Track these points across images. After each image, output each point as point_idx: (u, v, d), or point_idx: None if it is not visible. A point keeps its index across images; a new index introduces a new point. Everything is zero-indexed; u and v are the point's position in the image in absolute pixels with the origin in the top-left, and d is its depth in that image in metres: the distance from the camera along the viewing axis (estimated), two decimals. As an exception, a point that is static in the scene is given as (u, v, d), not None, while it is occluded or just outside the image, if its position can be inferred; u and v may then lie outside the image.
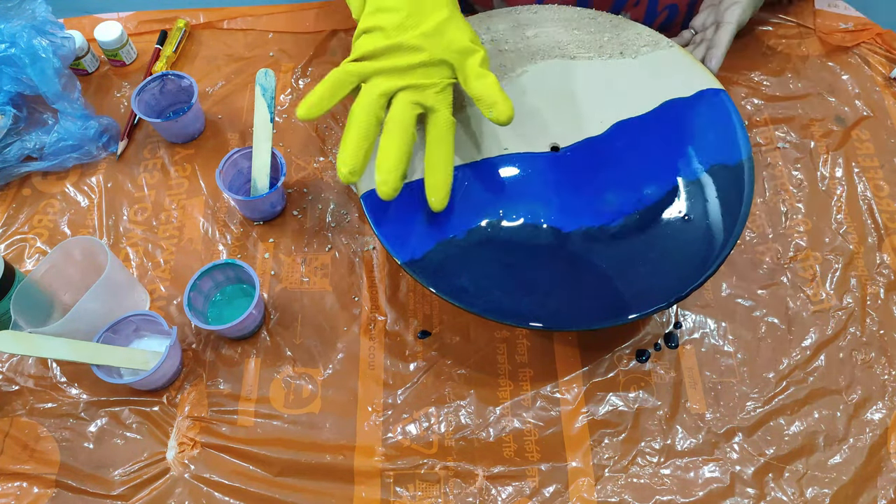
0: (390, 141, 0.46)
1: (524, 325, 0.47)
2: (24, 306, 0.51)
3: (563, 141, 0.55)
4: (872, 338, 0.56)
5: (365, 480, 0.51)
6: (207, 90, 0.70)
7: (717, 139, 0.53)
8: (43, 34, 0.62)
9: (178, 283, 0.59)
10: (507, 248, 0.50)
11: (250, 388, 0.54)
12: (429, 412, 0.53)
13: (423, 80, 0.47)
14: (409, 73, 0.47)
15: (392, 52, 0.47)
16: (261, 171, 0.59)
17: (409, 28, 0.47)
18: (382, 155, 0.46)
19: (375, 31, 0.47)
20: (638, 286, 0.48)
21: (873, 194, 0.63)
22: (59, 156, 0.63)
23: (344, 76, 0.48)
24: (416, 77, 0.47)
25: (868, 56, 0.71)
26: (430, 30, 0.47)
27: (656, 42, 0.59)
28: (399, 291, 0.58)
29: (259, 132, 0.58)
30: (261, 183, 0.59)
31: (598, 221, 0.51)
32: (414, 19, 0.47)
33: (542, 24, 0.60)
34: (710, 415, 0.53)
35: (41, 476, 0.51)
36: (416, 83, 0.47)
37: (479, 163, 0.53)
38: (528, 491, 0.50)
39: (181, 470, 0.51)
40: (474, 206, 0.52)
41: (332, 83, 0.48)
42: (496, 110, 0.46)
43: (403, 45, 0.46)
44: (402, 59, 0.47)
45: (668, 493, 0.50)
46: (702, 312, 0.57)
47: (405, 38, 0.46)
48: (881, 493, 0.50)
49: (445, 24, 0.47)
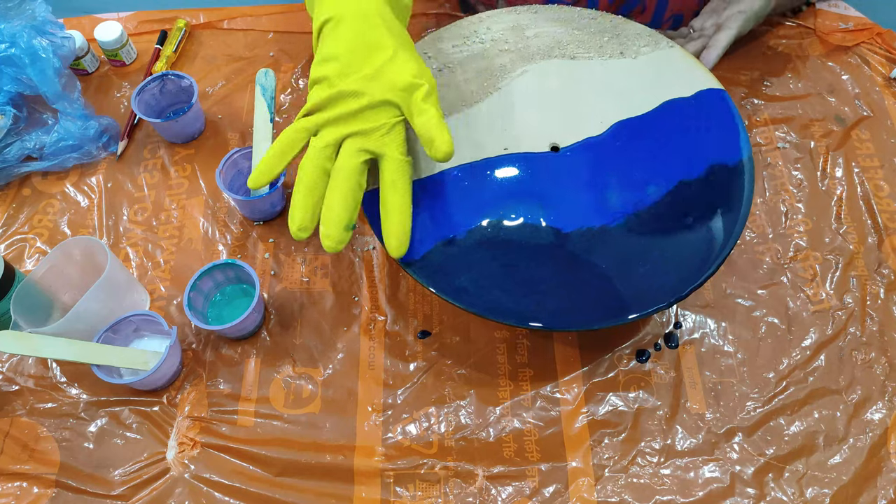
0: (333, 193, 0.45)
1: (524, 325, 0.47)
2: (24, 306, 0.51)
3: (563, 141, 0.55)
4: (872, 338, 0.56)
5: (365, 480, 0.51)
6: (207, 90, 0.70)
7: (717, 139, 0.53)
8: (43, 34, 0.62)
9: (178, 283, 0.59)
10: (507, 248, 0.50)
11: (250, 388, 0.54)
12: (429, 412, 0.53)
13: (368, 124, 0.46)
14: (353, 120, 0.46)
15: (336, 101, 0.46)
16: None
17: (349, 74, 0.46)
18: (326, 207, 0.45)
19: (322, 81, 0.47)
20: (638, 286, 0.48)
21: (873, 194, 0.63)
22: (59, 156, 0.63)
23: (293, 135, 0.47)
24: (360, 123, 0.46)
25: (868, 56, 0.71)
26: (370, 72, 0.46)
27: (656, 42, 0.59)
28: (399, 291, 0.58)
29: (259, 132, 0.58)
30: None
31: (598, 221, 0.51)
32: (354, 64, 0.46)
33: (542, 24, 0.60)
34: (710, 415, 0.53)
35: (41, 476, 0.51)
36: (361, 129, 0.46)
37: (479, 163, 0.53)
38: (528, 491, 0.50)
39: (181, 470, 0.51)
40: (474, 206, 0.52)
41: (282, 145, 0.47)
42: (433, 147, 0.44)
43: (345, 92, 0.46)
44: (345, 106, 0.46)
45: (668, 493, 0.50)
46: (702, 312, 0.57)
47: (346, 84, 0.46)
48: (881, 493, 0.50)
49: (387, 63, 0.46)
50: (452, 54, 0.58)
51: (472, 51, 0.59)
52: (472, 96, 0.57)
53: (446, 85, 0.57)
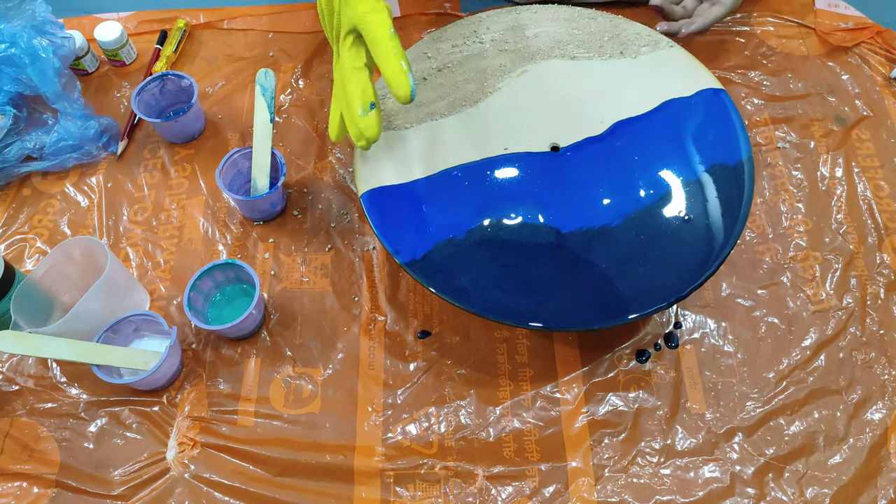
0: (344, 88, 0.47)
1: (524, 325, 0.47)
2: (24, 306, 0.51)
3: (563, 141, 0.55)
4: (872, 338, 0.56)
5: (365, 480, 0.51)
6: (207, 90, 0.70)
7: (717, 139, 0.53)
8: (43, 34, 0.62)
9: (178, 283, 0.59)
10: (507, 248, 0.50)
11: (250, 388, 0.54)
12: (429, 412, 0.53)
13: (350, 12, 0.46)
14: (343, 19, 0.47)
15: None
16: (261, 171, 0.59)
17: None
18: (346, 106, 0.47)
19: None
20: (638, 286, 0.48)
21: (873, 194, 0.63)
22: (59, 156, 0.63)
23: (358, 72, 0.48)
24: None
25: (868, 56, 0.71)
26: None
27: (656, 42, 0.59)
28: (399, 291, 0.58)
29: (259, 132, 0.58)
30: (261, 183, 0.59)
31: (598, 221, 0.51)
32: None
33: (542, 24, 0.60)
34: (710, 415, 0.53)
35: (41, 476, 0.51)
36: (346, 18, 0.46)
37: (479, 163, 0.53)
38: (528, 491, 0.50)
39: (181, 470, 0.51)
40: (474, 206, 0.52)
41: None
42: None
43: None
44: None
45: (668, 493, 0.50)
46: (702, 312, 0.57)
47: None
48: (881, 493, 0.50)
49: None
50: (452, 54, 0.58)
51: (472, 51, 0.59)
52: (472, 96, 0.57)
53: (446, 85, 0.57)
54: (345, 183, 0.64)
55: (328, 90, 0.69)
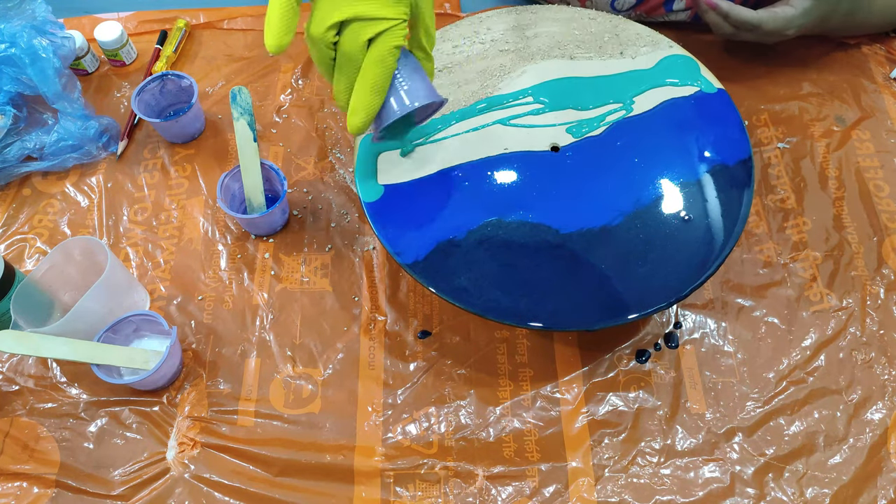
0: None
1: (524, 325, 0.47)
2: (24, 306, 0.51)
3: (563, 140, 0.55)
4: (872, 338, 0.56)
5: (365, 480, 0.51)
6: (207, 90, 0.70)
7: (716, 139, 0.53)
8: (43, 34, 0.62)
9: (178, 283, 0.59)
10: (507, 248, 0.50)
11: (250, 388, 0.54)
12: (429, 412, 0.53)
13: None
14: None
15: None
16: (254, 191, 0.58)
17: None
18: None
19: None
20: (638, 286, 0.48)
21: (873, 194, 0.63)
22: (59, 156, 0.63)
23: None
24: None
25: (868, 56, 0.71)
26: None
27: (656, 42, 0.59)
28: (399, 291, 0.58)
29: (244, 152, 0.57)
30: (256, 202, 0.58)
31: (598, 221, 0.51)
32: None
33: (542, 24, 0.60)
34: (710, 415, 0.53)
35: (41, 476, 0.51)
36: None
37: (478, 162, 0.53)
38: (528, 491, 0.50)
39: (181, 470, 0.51)
40: (474, 207, 0.52)
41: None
42: None
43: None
44: None
45: (668, 493, 0.50)
46: (702, 312, 0.57)
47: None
48: (881, 493, 0.50)
49: None
50: (453, 55, 0.58)
51: (473, 51, 0.59)
52: (473, 96, 0.57)
53: (447, 85, 0.57)
54: (345, 183, 0.64)
55: (328, 90, 0.69)
